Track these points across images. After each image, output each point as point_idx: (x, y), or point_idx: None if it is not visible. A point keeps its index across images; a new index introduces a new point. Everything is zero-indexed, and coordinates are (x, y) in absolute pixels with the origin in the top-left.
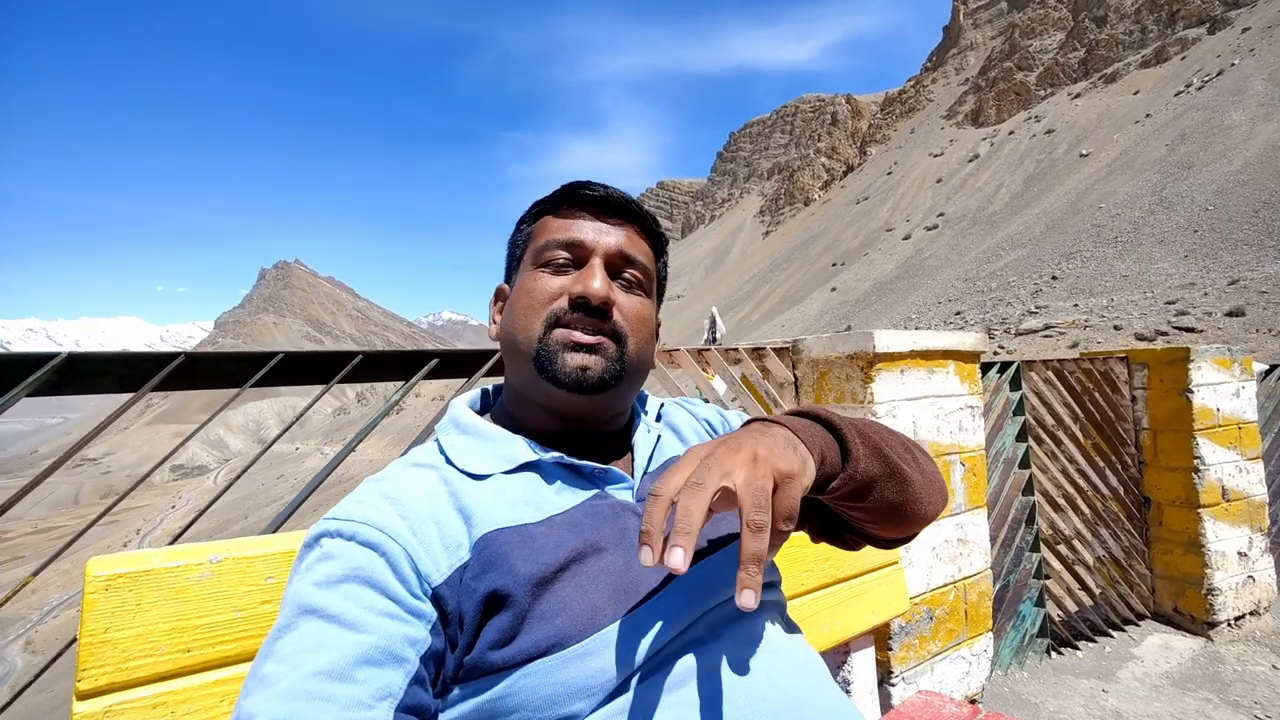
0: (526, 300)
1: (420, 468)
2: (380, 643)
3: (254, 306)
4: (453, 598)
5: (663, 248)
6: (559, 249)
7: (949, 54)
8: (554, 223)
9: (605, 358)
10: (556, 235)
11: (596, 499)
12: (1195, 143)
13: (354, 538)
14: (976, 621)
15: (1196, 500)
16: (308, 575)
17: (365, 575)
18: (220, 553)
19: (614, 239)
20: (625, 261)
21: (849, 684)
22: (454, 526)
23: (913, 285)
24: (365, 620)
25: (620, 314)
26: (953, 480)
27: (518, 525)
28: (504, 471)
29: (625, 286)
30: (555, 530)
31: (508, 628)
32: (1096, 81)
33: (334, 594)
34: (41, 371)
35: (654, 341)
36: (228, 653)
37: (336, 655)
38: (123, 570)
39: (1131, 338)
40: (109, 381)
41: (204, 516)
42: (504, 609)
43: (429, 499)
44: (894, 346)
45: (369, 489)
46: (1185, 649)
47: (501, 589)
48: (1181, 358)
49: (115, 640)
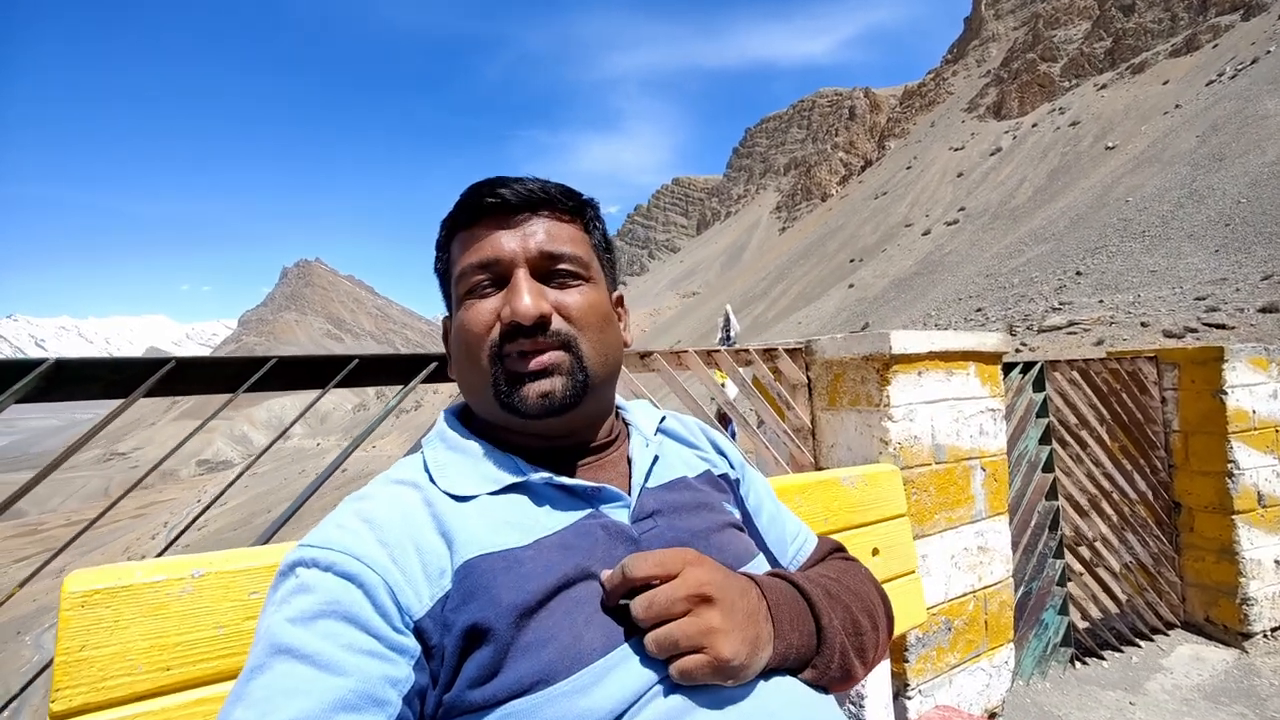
0: (464, 339)
1: (403, 486)
2: (359, 686)
3: (276, 305)
4: (435, 631)
5: (593, 216)
6: (477, 273)
7: (970, 46)
8: (465, 243)
9: (562, 374)
10: (470, 259)
11: (590, 519)
12: (1228, 133)
13: (331, 568)
14: (997, 632)
15: (1230, 506)
16: (282, 609)
17: (343, 610)
18: (202, 567)
19: (531, 241)
20: (551, 259)
21: (862, 698)
22: (437, 553)
23: (932, 282)
24: (343, 661)
25: (563, 316)
26: (973, 486)
27: (502, 550)
28: (490, 493)
29: (561, 285)
30: (544, 554)
31: (488, 663)
32: (1123, 72)
33: (310, 632)
34: (29, 378)
35: (615, 324)
36: (209, 671)
37: (310, 702)
38: (100, 586)
39: (1159, 335)
40: (98, 387)
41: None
42: (485, 643)
43: (410, 523)
44: (911, 348)
45: (348, 511)
46: (1218, 660)
47: (482, 621)
48: (1214, 357)
49: (92, 659)
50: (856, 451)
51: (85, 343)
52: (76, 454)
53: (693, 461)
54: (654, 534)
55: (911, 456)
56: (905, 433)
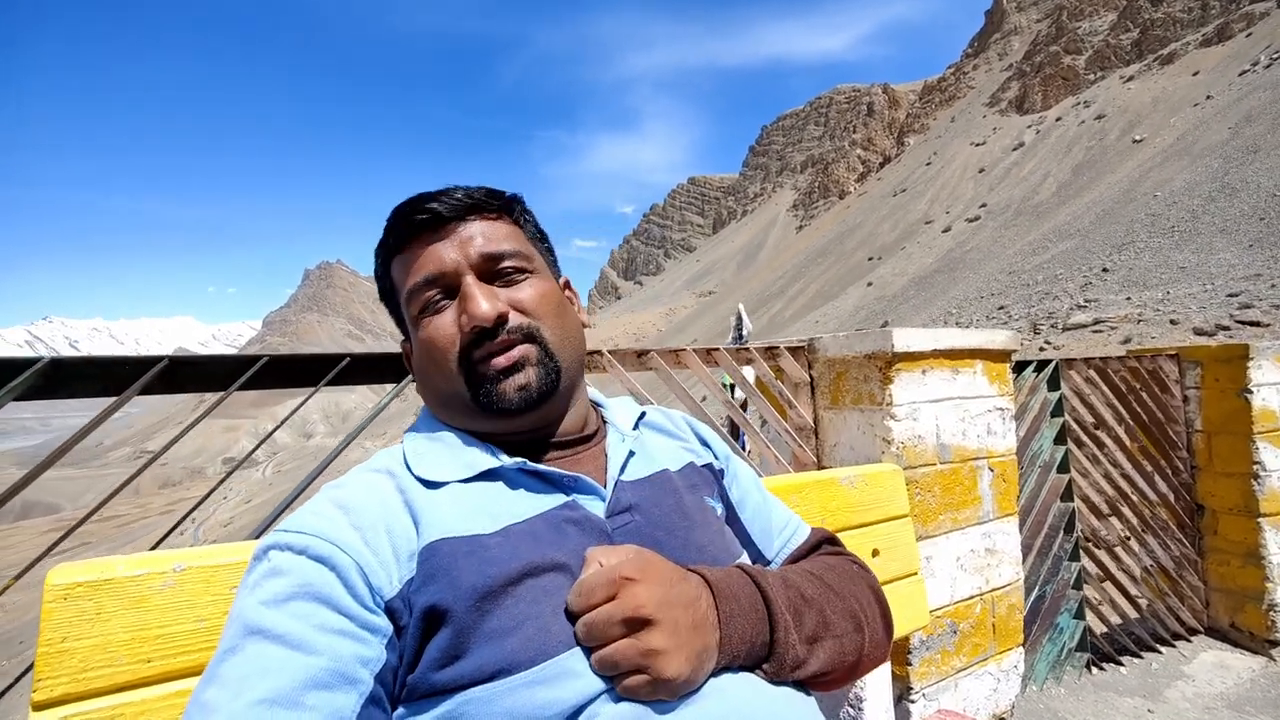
0: (429, 356)
1: (378, 474)
2: (331, 664)
3: (299, 306)
4: (404, 611)
5: (521, 211)
6: (426, 290)
7: (991, 39)
8: (405, 264)
9: (533, 364)
10: (415, 277)
11: (564, 509)
12: (1262, 124)
13: (304, 551)
14: (1005, 636)
15: (1256, 508)
16: (255, 592)
17: (315, 591)
18: (183, 561)
19: (470, 247)
20: (493, 260)
21: (861, 701)
22: (407, 536)
23: (953, 279)
24: (314, 640)
25: (519, 310)
26: (980, 487)
27: (468, 535)
28: (462, 479)
29: (509, 282)
30: (511, 541)
31: (449, 646)
32: (1151, 63)
33: (281, 613)
34: (25, 375)
35: (568, 307)
36: (189, 663)
37: (283, 680)
38: (82, 579)
39: (1189, 332)
40: (94, 385)
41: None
42: (444, 625)
43: (383, 506)
44: (915, 346)
45: (323, 498)
46: (1243, 668)
47: (441, 603)
48: (1239, 355)
49: (73, 650)
50: (859, 451)
51: (116, 344)
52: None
53: (676, 454)
54: (629, 529)
55: (915, 456)
56: (909, 432)
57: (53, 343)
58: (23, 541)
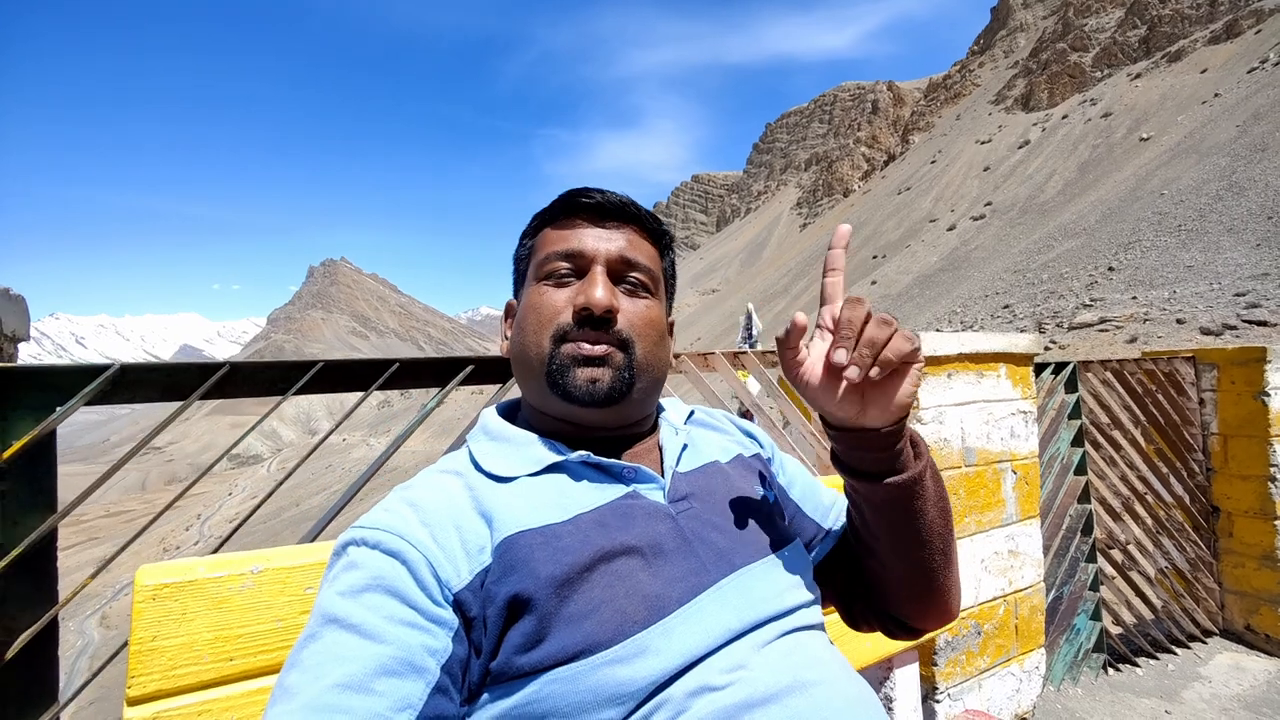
0: (533, 317)
1: (446, 474)
2: (399, 653)
3: (303, 303)
4: (475, 603)
5: (667, 246)
6: (559, 260)
7: (997, 36)
8: (553, 234)
9: (613, 368)
10: (556, 247)
11: (627, 498)
12: (1271, 122)
13: (378, 546)
14: (1028, 637)
15: (1273, 511)
16: (334, 584)
17: (387, 584)
18: (261, 563)
19: (614, 244)
20: (628, 266)
21: (891, 700)
22: (476, 531)
23: (958, 278)
24: (385, 630)
25: (626, 320)
26: (1004, 489)
27: (541, 526)
28: (530, 474)
29: (630, 291)
30: (581, 530)
31: (532, 631)
32: (1159, 60)
33: (356, 603)
34: (98, 381)
35: (667, 343)
36: (269, 662)
37: (355, 667)
38: (168, 580)
39: (1196, 332)
40: (156, 391)
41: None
42: (527, 612)
43: (451, 504)
44: (940, 349)
45: (395, 497)
46: (1260, 670)
47: (523, 592)
48: (1256, 358)
49: (162, 648)
50: None
51: (122, 340)
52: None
53: (724, 446)
54: (689, 514)
55: (941, 459)
56: (934, 435)
57: (59, 339)
58: None
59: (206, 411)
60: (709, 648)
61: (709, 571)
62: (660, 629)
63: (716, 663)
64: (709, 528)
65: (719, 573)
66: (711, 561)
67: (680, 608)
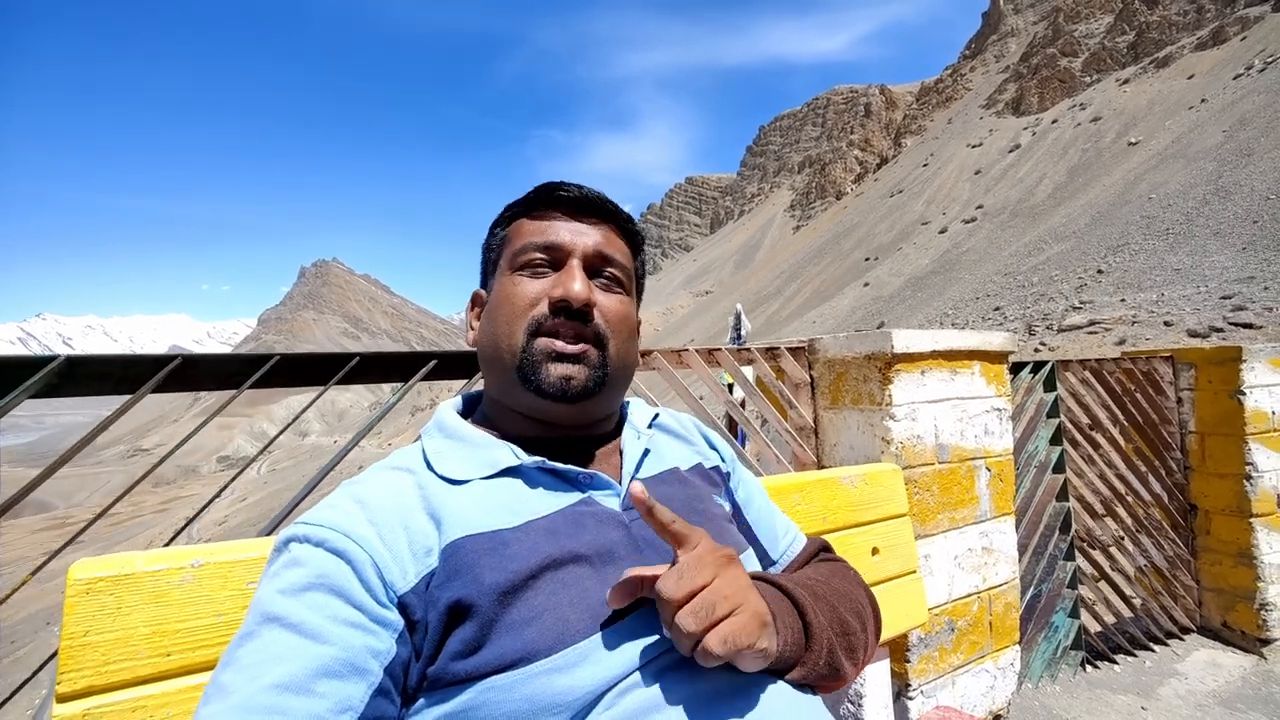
0: (507, 307)
1: (398, 471)
2: (341, 654)
3: (294, 304)
4: (419, 606)
5: (640, 245)
6: (536, 251)
7: (988, 41)
8: (529, 225)
9: (588, 365)
10: (533, 238)
11: (581, 505)
12: (1256, 128)
13: (322, 544)
14: (1002, 634)
15: (1249, 509)
16: (274, 581)
17: (330, 583)
18: (201, 557)
19: (591, 239)
20: (604, 261)
21: (861, 697)
22: (425, 532)
23: (949, 280)
24: (327, 630)
25: (601, 315)
26: (978, 486)
27: (490, 531)
28: (483, 477)
29: (605, 286)
30: (531, 537)
31: (471, 638)
32: (1147, 66)
33: (298, 602)
34: (41, 374)
35: (636, 341)
36: (208, 657)
37: (295, 667)
38: (103, 574)
39: (1183, 334)
40: (109, 384)
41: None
42: (468, 619)
43: (400, 503)
44: (914, 346)
45: (342, 494)
46: (1235, 667)
47: (465, 598)
48: (1232, 357)
49: (95, 644)
50: (859, 450)
51: (110, 341)
52: (102, 450)
53: (685, 454)
54: (643, 521)
55: (914, 456)
56: (908, 432)
57: (45, 340)
58: (16, 540)
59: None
60: (652, 654)
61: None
62: (602, 638)
63: (658, 664)
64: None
65: None
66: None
67: (626, 617)
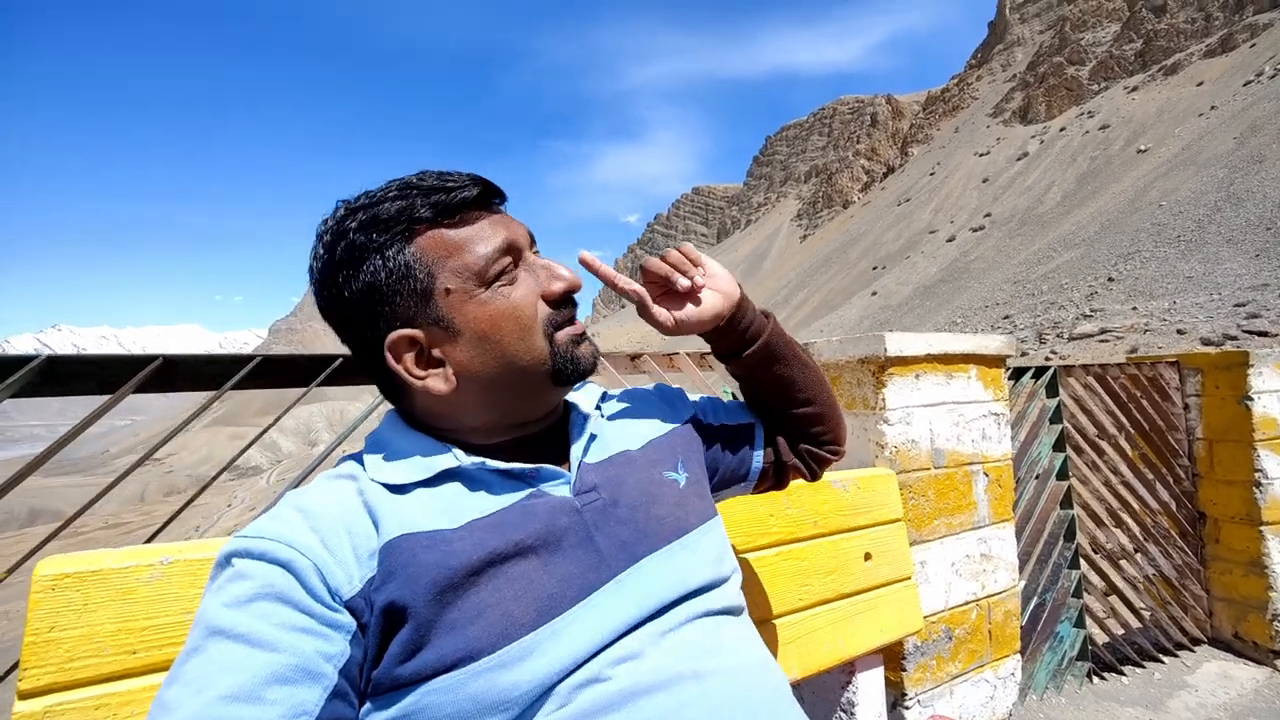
0: (513, 325)
1: (340, 479)
2: (293, 660)
3: (304, 314)
4: (365, 610)
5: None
6: (502, 257)
7: (995, 50)
8: (466, 233)
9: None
10: (482, 246)
11: (531, 498)
12: (1268, 135)
13: (264, 556)
14: (1002, 642)
15: (1259, 517)
16: (218, 595)
17: (276, 592)
18: (171, 554)
19: (518, 223)
20: (533, 241)
21: (853, 706)
22: (367, 535)
23: (957, 289)
24: (277, 638)
25: None
26: (975, 492)
27: (428, 531)
28: (422, 481)
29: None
30: (474, 534)
31: (410, 641)
32: (1155, 74)
33: (244, 613)
34: (21, 373)
35: None
36: (174, 655)
37: (245, 677)
38: (70, 570)
39: (1197, 342)
40: (90, 384)
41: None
42: (405, 620)
43: (343, 509)
44: (907, 350)
45: (285, 503)
46: (1247, 679)
47: (399, 600)
48: (1239, 362)
49: (59, 640)
50: (853, 455)
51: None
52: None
53: (638, 431)
54: (595, 506)
55: (909, 460)
56: (902, 436)
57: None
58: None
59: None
60: (602, 643)
61: (609, 566)
62: (548, 630)
63: (608, 655)
64: (613, 520)
65: (620, 565)
66: (613, 554)
67: (573, 607)
